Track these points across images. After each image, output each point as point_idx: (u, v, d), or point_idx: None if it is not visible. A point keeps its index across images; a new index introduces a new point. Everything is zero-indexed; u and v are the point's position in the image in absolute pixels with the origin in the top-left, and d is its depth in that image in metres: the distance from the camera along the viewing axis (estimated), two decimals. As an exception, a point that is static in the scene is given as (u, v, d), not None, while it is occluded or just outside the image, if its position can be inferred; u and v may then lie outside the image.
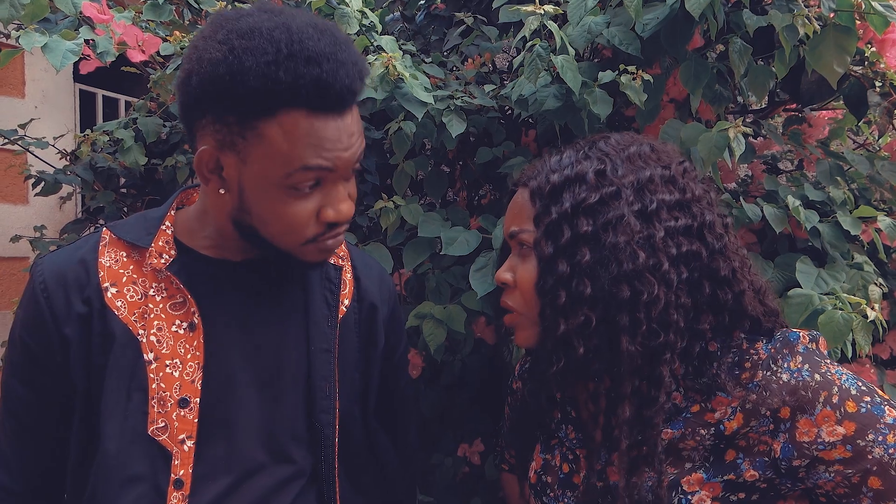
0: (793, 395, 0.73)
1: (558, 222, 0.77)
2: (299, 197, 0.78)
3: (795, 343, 0.76)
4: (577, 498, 0.84)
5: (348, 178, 0.82)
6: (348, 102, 0.77)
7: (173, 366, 0.82)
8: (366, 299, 0.97)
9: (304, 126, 0.74)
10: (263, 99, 0.73)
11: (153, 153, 1.80)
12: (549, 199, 0.79)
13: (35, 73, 2.49)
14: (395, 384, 1.04)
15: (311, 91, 0.73)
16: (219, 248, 0.89)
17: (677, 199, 0.78)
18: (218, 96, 0.74)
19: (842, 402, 0.72)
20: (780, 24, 1.11)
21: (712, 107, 1.29)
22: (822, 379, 0.73)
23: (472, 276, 1.21)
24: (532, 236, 0.80)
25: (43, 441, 0.88)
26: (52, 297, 0.83)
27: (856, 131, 1.77)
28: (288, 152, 0.75)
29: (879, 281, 1.24)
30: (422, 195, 1.68)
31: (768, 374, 0.74)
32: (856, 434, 0.71)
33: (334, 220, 0.81)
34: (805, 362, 0.75)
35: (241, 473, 0.84)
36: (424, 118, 1.30)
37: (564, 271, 0.75)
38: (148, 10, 1.36)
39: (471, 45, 1.65)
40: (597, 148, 0.81)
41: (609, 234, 0.75)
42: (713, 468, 0.76)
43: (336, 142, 0.77)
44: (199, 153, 0.79)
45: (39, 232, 2.10)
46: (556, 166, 0.81)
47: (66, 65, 1.13)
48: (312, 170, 0.76)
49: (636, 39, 1.18)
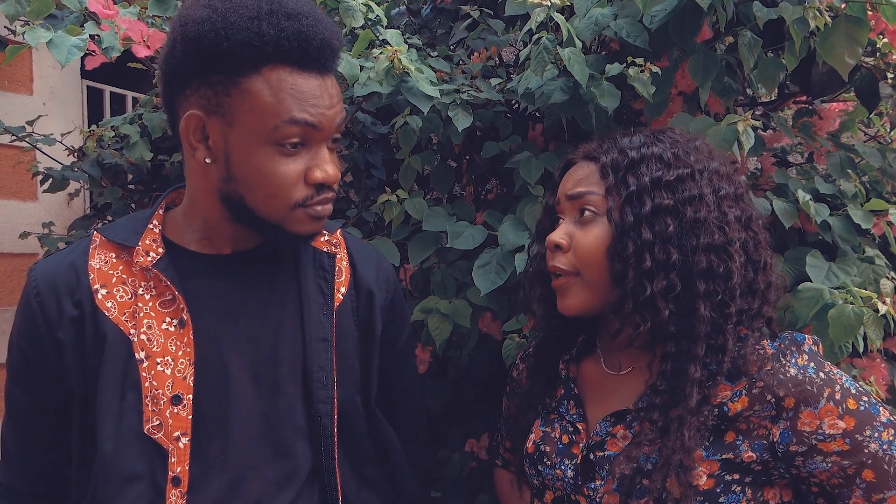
0: (798, 387, 0.79)
1: (639, 193, 0.83)
2: (285, 155, 0.80)
3: (802, 343, 0.83)
4: (574, 466, 0.87)
5: (332, 146, 0.85)
6: (328, 59, 0.82)
7: (165, 363, 0.83)
8: (363, 287, 0.96)
9: (288, 81, 0.78)
10: (249, 53, 0.77)
11: (160, 149, 1.80)
12: (627, 171, 0.84)
13: (43, 70, 2.50)
14: (397, 375, 1.03)
15: (293, 44, 0.77)
16: (208, 242, 0.89)
17: (734, 192, 0.86)
18: (204, 55, 0.77)
19: (844, 399, 0.79)
20: (791, 17, 1.09)
21: (721, 99, 1.28)
22: (826, 377, 0.80)
23: (476, 273, 1.20)
24: (600, 200, 0.85)
25: (43, 443, 0.89)
26: (44, 302, 0.84)
27: (867, 123, 1.75)
28: (274, 105, 0.78)
29: (891, 274, 1.23)
30: (428, 190, 1.68)
31: (777, 366, 0.80)
32: (855, 429, 0.78)
33: (322, 180, 0.82)
34: (811, 361, 0.81)
35: (241, 469, 0.84)
36: (430, 112, 1.29)
37: (648, 238, 0.81)
38: (153, 6, 1.36)
39: (477, 38, 1.64)
40: (666, 135, 0.88)
41: (690, 209, 0.82)
42: (712, 447, 0.81)
43: (319, 98, 0.80)
44: (186, 118, 0.81)
45: (48, 228, 2.11)
46: (630, 145, 0.87)
47: (71, 60, 1.13)
48: (298, 123, 0.79)
49: (644, 31, 1.17)
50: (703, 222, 0.81)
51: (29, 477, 0.89)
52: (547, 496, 0.91)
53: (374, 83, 1.23)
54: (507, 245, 1.20)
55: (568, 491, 0.88)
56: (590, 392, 0.93)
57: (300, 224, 0.84)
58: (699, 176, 0.84)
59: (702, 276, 0.81)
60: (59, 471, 0.89)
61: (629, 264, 0.82)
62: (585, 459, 0.87)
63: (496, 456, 1.16)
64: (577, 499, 0.87)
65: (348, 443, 0.91)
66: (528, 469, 0.94)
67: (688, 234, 0.81)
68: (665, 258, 0.81)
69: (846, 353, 1.08)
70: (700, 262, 0.81)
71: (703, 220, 0.81)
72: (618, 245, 0.83)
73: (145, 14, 1.36)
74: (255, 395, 0.86)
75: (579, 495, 0.86)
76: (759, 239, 0.86)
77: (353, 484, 0.92)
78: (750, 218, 0.86)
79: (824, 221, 1.25)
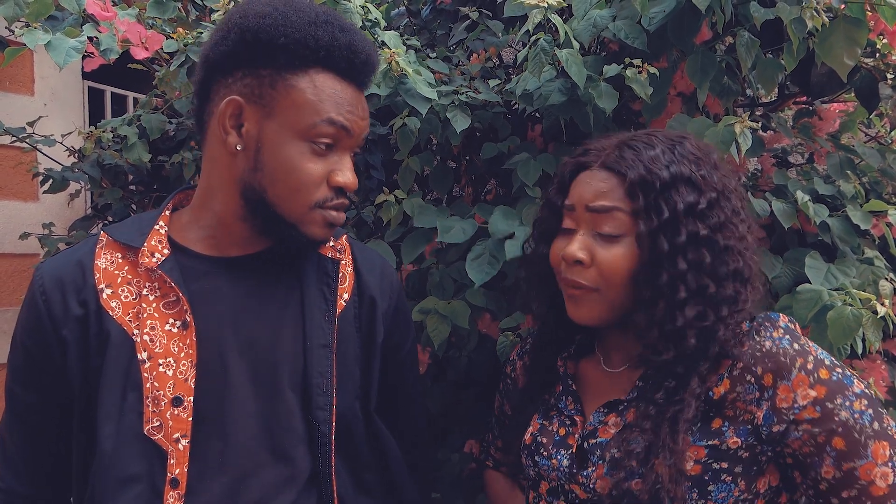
0: (773, 360, 0.79)
1: (673, 222, 0.81)
2: (315, 154, 0.84)
3: (777, 319, 0.85)
4: (570, 455, 0.88)
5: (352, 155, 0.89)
6: (367, 75, 0.88)
7: (167, 364, 0.83)
8: (366, 293, 0.96)
9: (331, 85, 0.84)
10: (302, 52, 0.82)
11: (160, 150, 1.80)
12: (659, 196, 0.82)
13: (44, 71, 2.50)
14: (401, 381, 1.03)
15: (343, 54, 0.84)
16: (213, 243, 0.89)
17: (741, 206, 0.87)
18: (260, 46, 0.82)
19: (815, 369, 0.79)
20: (788, 17, 1.09)
21: (720, 100, 1.28)
22: (800, 348, 0.81)
23: (469, 265, 1.20)
24: (627, 219, 0.83)
25: (46, 443, 0.89)
26: (49, 299, 0.84)
27: (867, 124, 1.75)
28: (315, 104, 0.83)
29: (890, 276, 1.22)
30: (427, 191, 1.68)
31: (752, 343, 0.81)
32: (826, 397, 0.78)
33: (343, 184, 0.86)
34: (786, 334, 0.82)
35: (239, 472, 0.84)
36: (429, 114, 1.29)
37: (683, 269, 0.80)
38: (152, 7, 1.36)
39: (476, 39, 1.64)
40: (686, 149, 0.86)
41: (721, 237, 0.82)
42: (699, 433, 0.81)
43: (355, 107, 0.86)
44: (226, 102, 0.84)
45: (48, 229, 2.11)
46: (658, 163, 0.84)
47: (69, 62, 1.13)
48: (335, 125, 0.84)
49: (642, 33, 1.17)
50: (732, 249, 0.82)
51: (29, 477, 0.89)
52: (542, 487, 0.92)
53: (373, 85, 1.23)
54: (497, 234, 1.20)
55: (563, 481, 0.88)
56: (588, 388, 0.94)
57: (315, 226, 0.86)
58: (724, 200, 0.84)
59: (727, 302, 0.81)
60: (60, 470, 0.89)
61: (662, 294, 0.81)
62: (580, 448, 0.88)
63: (487, 456, 1.16)
64: (572, 488, 0.87)
65: (346, 449, 0.91)
66: (525, 460, 0.95)
67: (720, 263, 0.81)
68: (699, 289, 0.80)
69: (845, 355, 1.08)
70: (727, 289, 0.81)
71: (732, 247, 0.82)
72: (649, 272, 0.82)
73: (144, 16, 1.37)
74: (254, 399, 0.86)
75: (573, 484, 0.87)
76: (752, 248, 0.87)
77: (351, 490, 0.92)
78: (748, 228, 0.87)
79: (823, 222, 1.24)
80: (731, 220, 0.83)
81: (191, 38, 1.34)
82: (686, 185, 0.83)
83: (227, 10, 1.31)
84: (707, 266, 0.81)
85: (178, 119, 1.79)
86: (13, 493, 0.89)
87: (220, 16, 1.32)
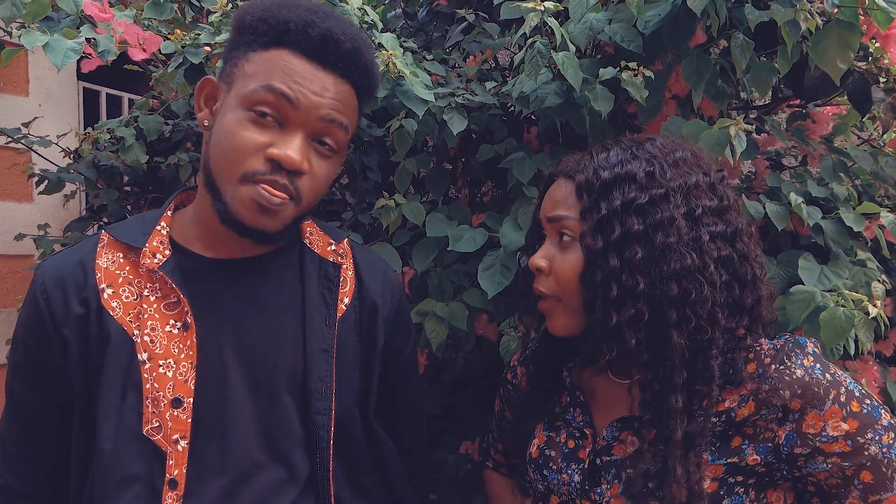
0: (804, 389, 0.77)
1: (608, 218, 0.80)
2: (254, 123, 0.80)
3: (805, 346, 0.82)
4: (582, 470, 0.87)
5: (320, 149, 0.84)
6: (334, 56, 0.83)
7: (167, 366, 0.83)
8: (367, 298, 0.96)
9: (285, 59, 0.81)
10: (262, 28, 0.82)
11: (156, 151, 1.80)
12: (599, 195, 0.82)
13: (39, 72, 2.50)
14: (401, 385, 1.03)
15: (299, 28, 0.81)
16: (214, 245, 0.89)
17: (717, 206, 0.82)
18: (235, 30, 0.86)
19: (848, 402, 0.78)
20: (783, 20, 1.10)
21: (715, 103, 1.29)
22: (832, 379, 0.79)
23: (481, 276, 1.21)
24: (576, 225, 0.83)
25: (46, 441, 0.88)
26: (50, 298, 0.84)
27: (860, 127, 1.76)
28: (262, 73, 0.81)
29: (882, 278, 1.24)
30: (423, 193, 1.68)
31: (782, 368, 0.79)
32: (857, 431, 0.77)
33: (277, 156, 0.80)
34: (816, 362, 0.80)
35: (237, 474, 0.84)
36: (426, 116, 1.30)
37: (615, 266, 0.79)
38: (149, 9, 1.36)
39: (472, 41, 1.65)
40: (644, 149, 0.84)
41: (660, 234, 0.79)
42: (718, 451, 0.80)
43: (309, 81, 0.81)
44: (201, 82, 0.87)
45: (43, 230, 2.11)
46: (605, 163, 0.84)
47: (68, 63, 1.13)
48: (273, 92, 0.80)
49: (638, 36, 1.17)
50: (673, 247, 0.78)
51: (29, 477, 0.89)
52: (552, 501, 0.91)
53: (370, 86, 1.24)
54: (510, 245, 1.21)
55: (574, 496, 0.87)
56: (596, 399, 0.92)
57: (244, 207, 0.81)
58: (674, 196, 0.80)
59: (673, 303, 0.78)
60: (59, 470, 0.88)
61: (597, 293, 0.80)
62: (592, 464, 0.86)
63: (487, 458, 1.16)
64: (583, 503, 0.86)
65: (345, 453, 0.91)
66: (533, 474, 0.93)
67: (657, 261, 0.78)
68: (632, 286, 0.78)
69: (837, 356, 1.09)
70: (670, 289, 0.78)
71: (673, 245, 0.78)
72: (587, 272, 0.81)
73: (141, 17, 1.37)
74: (252, 402, 0.86)
75: (585, 500, 0.86)
76: (746, 252, 0.83)
77: (349, 493, 0.92)
78: (737, 231, 0.83)
79: (817, 224, 1.25)
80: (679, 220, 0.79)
81: (188, 39, 1.34)
82: (629, 183, 0.81)
83: (224, 12, 1.31)
84: (638, 262, 0.78)
85: (173, 120, 1.79)
86: (12, 492, 0.89)
87: (218, 17, 1.32)
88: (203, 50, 1.33)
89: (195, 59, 1.32)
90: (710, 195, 0.83)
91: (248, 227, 0.82)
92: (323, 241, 0.97)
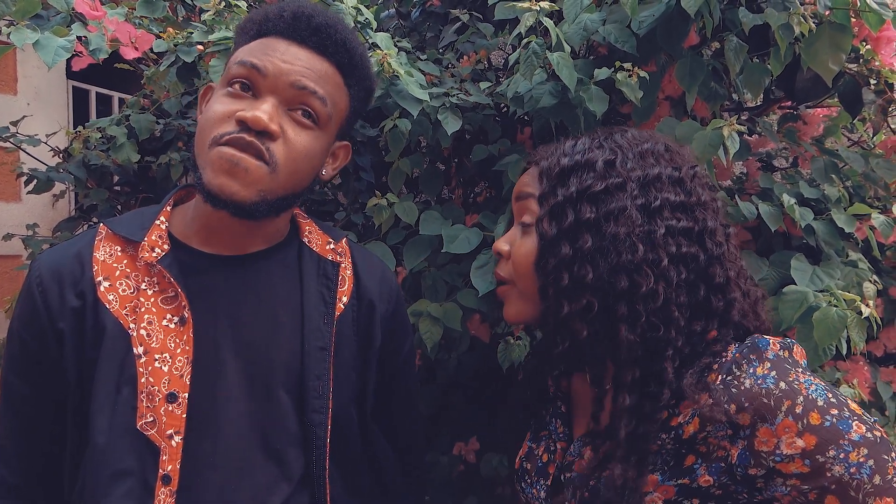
0: (753, 401, 0.69)
1: (562, 205, 0.78)
2: (230, 96, 0.82)
3: (764, 350, 0.73)
4: (546, 487, 0.84)
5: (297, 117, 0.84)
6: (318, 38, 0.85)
7: (162, 360, 0.82)
8: (365, 297, 0.96)
9: (265, 42, 0.85)
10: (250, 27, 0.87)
11: (147, 151, 1.79)
12: (557, 181, 0.80)
13: (27, 70, 2.48)
14: (398, 385, 1.02)
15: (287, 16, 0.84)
16: (213, 241, 0.89)
17: (682, 201, 0.78)
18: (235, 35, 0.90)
19: (805, 413, 0.68)
20: (776, 23, 1.11)
21: (708, 104, 1.29)
22: (788, 388, 0.69)
23: (474, 274, 1.20)
24: (536, 208, 0.81)
25: (40, 435, 0.87)
26: (46, 291, 0.84)
27: (850, 129, 1.77)
28: (242, 54, 0.84)
29: (874, 278, 1.25)
30: (417, 193, 1.68)
31: (728, 379, 0.71)
32: (816, 449, 0.67)
33: (243, 117, 0.79)
34: (773, 369, 0.71)
35: (231, 471, 0.84)
36: (420, 116, 1.30)
37: (567, 254, 0.76)
38: (141, 7, 1.35)
39: (466, 42, 1.65)
40: (612, 139, 0.82)
41: (610, 224, 0.76)
42: (670, 471, 0.73)
43: (281, 53, 0.83)
44: (205, 88, 0.91)
45: (32, 230, 2.09)
46: (569, 151, 0.82)
47: (58, 61, 1.12)
48: (245, 65, 0.82)
49: (632, 37, 1.18)
50: (622, 238, 0.75)
51: (23, 470, 0.88)
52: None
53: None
54: None
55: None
56: (579, 408, 0.89)
57: (210, 168, 0.79)
58: (632, 186, 0.77)
59: (622, 297, 0.74)
60: (53, 464, 0.87)
61: (548, 280, 0.77)
62: (556, 480, 0.84)
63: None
64: None
65: (341, 452, 0.91)
66: (516, 485, 0.91)
67: (606, 252, 0.75)
68: (582, 276, 0.75)
69: (830, 356, 1.09)
70: (620, 281, 0.74)
71: (622, 235, 0.75)
72: (540, 259, 0.79)
73: (133, 15, 1.36)
74: (248, 399, 0.85)
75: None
76: (718, 253, 0.78)
77: (344, 493, 0.91)
78: (706, 230, 0.78)
79: (808, 225, 1.26)
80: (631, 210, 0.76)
81: (180, 38, 1.33)
82: (587, 171, 0.79)
83: (217, 11, 1.30)
84: (587, 251, 0.75)
85: (165, 119, 1.78)
86: (4, 485, 0.88)
87: (211, 16, 1.31)
88: (196, 49, 1.32)
89: (188, 58, 1.31)
90: (675, 190, 0.79)
91: (216, 195, 0.80)
92: (322, 239, 0.96)
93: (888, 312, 1.39)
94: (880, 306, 1.35)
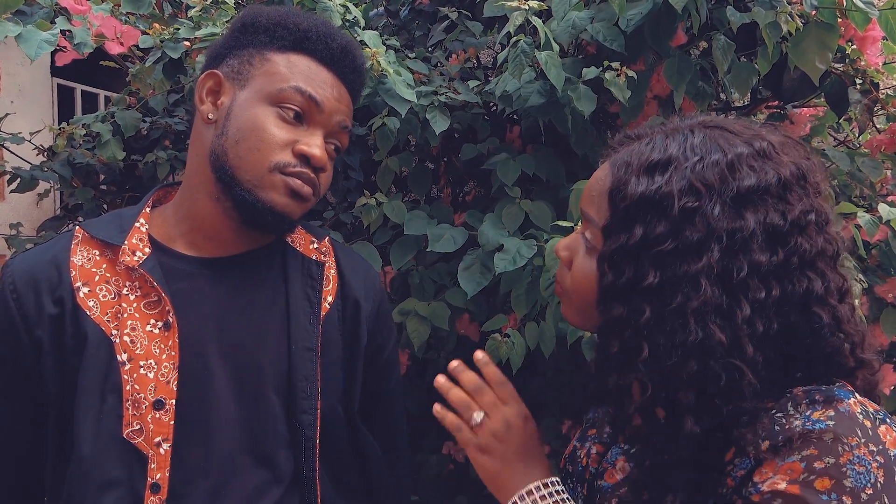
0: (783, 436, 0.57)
1: (621, 254, 0.63)
2: (281, 119, 0.84)
3: (839, 400, 0.58)
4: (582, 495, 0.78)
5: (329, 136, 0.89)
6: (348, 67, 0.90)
7: (148, 367, 0.81)
8: (350, 296, 0.95)
9: (305, 64, 0.87)
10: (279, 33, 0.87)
11: (133, 149, 1.76)
12: (624, 217, 0.64)
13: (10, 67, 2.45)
14: (381, 385, 1.02)
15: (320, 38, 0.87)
16: (196, 243, 0.88)
17: (779, 263, 0.60)
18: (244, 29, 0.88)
19: (819, 473, 0.55)
20: (764, 21, 1.11)
21: (696, 103, 1.30)
22: (832, 444, 0.55)
23: (461, 276, 1.20)
24: (598, 236, 0.67)
25: (17, 445, 0.86)
26: (21, 298, 0.81)
27: (836, 128, 1.78)
28: (286, 74, 0.85)
29: (859, 277, 1.25)
30: (406, 192, 1.67)
31: (778, 416, 0.59)
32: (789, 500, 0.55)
33: (307, 152, 0.84)
34: (834, 420, 0.56)
35: (221, 476, 0.83)
36: (408, 114, 1.29)
37: (621, 315, 0.62)
38: (127, 3, 1.33)
39: (455, 40, 1.64)
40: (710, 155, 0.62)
41: (677, 297, 0.59)
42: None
43: (329, 88, 0.87)
44: (206, 74, 0.88)
45: (16, 229, 2.06)
46: (646, 168, 0.63)
47: (41, 55, 1.10)
48: (303, 94, 0.84)
49: (620, 35, 1.18)
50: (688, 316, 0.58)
51: (1, 479, 0.87)
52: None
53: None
54: (488, 245, 1.20)
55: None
56: None
57: (274, 192, 0.83)
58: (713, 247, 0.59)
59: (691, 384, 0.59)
60: (27, 477, 0.86)
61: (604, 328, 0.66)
62: (591, 487, 0.77)
63: None
64: None
65: (329, 452, 0.90)
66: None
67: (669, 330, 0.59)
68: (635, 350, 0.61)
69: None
70: (686, 366, 0.59)
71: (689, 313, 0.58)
72: (600, 302, 0.67)
73: (118, 11, 1.34)
74: (237, 402, 0.84)
75: None
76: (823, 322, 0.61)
77: (334, 493, 0.91)
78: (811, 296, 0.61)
79: (796, 224, 1.26)
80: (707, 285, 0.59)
81: (167, 34, 1.32)
82: (658, 215, 0.61)
83: (204, 7, 1.29)
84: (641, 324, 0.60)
85: (151, 117, 1.76)
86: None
87: (197, 12, 1.30)
88: (183, 45, 1.30)
89: (174, 55, 1.30)
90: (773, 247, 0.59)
91: (275, 211, 0.84)
92: (305, 239, 0.96)
93: (873, 310, 1.39)
94: (865, 304, 1.36)
